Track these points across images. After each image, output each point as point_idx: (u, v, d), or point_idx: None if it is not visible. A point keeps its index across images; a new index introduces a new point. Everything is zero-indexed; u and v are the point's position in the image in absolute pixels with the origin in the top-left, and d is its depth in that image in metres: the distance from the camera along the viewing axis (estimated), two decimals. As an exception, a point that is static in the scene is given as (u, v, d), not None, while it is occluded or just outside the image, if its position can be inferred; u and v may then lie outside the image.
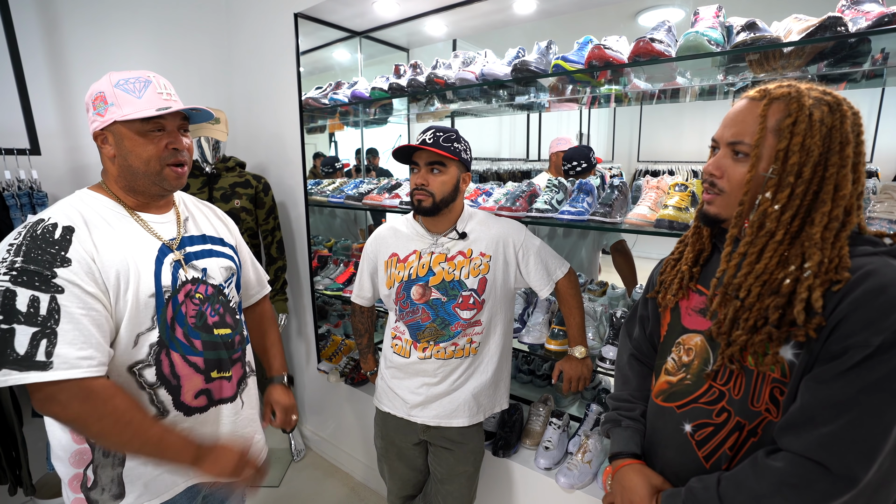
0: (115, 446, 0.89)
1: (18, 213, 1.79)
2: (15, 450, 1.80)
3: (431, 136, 1.31)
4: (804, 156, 0.68)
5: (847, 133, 0.68)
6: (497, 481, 1.72)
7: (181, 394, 1.00)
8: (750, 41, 1.12)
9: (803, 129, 0.68)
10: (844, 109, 0.68)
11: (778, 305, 0.68)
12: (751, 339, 0.71)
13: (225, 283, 1.12)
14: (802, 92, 0.70)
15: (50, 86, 2.00)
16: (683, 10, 1.65)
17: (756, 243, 0.72)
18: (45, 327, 0.82)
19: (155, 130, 0.96)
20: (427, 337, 1.40)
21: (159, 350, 0.97)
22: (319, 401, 2.57)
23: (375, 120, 2.72)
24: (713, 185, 0.79)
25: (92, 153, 2.13)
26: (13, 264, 0.83)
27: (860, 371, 0.61)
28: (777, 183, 0.70)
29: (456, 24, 2.18)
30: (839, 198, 0.68)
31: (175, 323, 0.99)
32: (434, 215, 1.37)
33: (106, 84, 0.95)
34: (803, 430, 0.65)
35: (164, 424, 0.95)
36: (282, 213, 2.47)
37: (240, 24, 2.50)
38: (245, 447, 0.99)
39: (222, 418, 1.09)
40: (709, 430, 0.78)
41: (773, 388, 0.71)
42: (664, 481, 0.84)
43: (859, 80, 1.35)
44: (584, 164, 1.97)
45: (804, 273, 0.67)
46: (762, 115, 0.71)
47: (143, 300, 0.94)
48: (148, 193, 1.02)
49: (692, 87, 1.61)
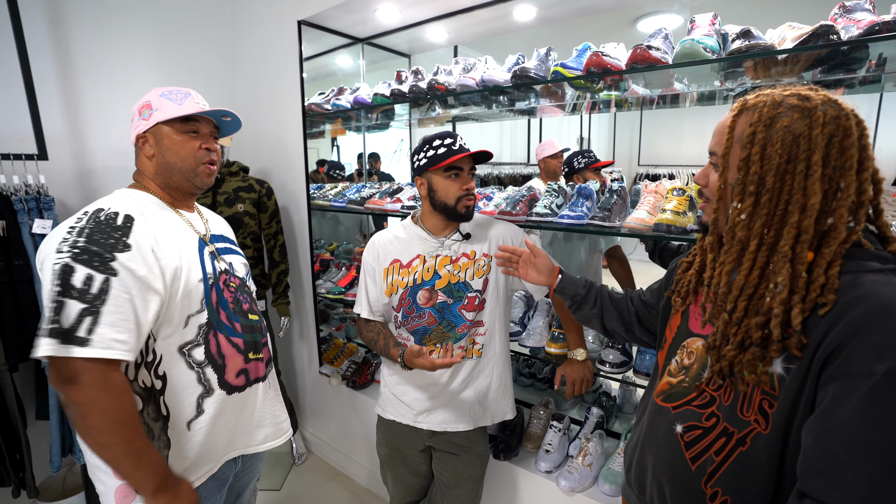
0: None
1: (25, 218, 1.81)
2: (19, 452, 1.81)
3: (463, 141, 1.35)
4: (765, 164, 0.67)
5: (815, 140, 0.64)
6: (498, 484, 1.73)
7: (226, 372, 1.09)
8: (745, 48, 1.14)
9: (762, 138, 0.68)
10: (817, 115, 0.65)
11: (759, 324, 0.67)
12: (739, 357, 0.71)
13: (245, 276, 1.23)
14: (775, 99, 0.69)
15: (57, 92, 2.03)
16: (681, 17, 1.68)
17: (730, 252, 0.73)
18: (93, 305, 0.87)
19: (192, 132, 1.09)
20: (433, 340, 1.41)
21: (207, 331, 1.06)
22: (321, 404, 2.58)
23: (377, 125, 2.75)
24: (701, 194, 0.84)
25: (98, 158, 2.16)
26: (76, 243, 0.89)
27: (873, 405, 0.58)
28: (741, 191, 0.71)
29: (457, 31, 2.20)
30: (808, 208, 0.65)
31: (219, 307, 1.09)
32: (471, 220, 1.40)
33: (153, 95, 1.09)
34: (832, 478, 0.60)
35: (151, 443, 0.97)
36: (284, 217, 2.50)
37: (244, 31, 2.54)
38: (197, 499, 1.01)
39: (257, 396, 1.18)
40: (697, 432, 0.78)
41: (762, 400, 0.70)
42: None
43: (856, 85, 1.36)
44: (566, 169, 2.06)
45: (777, 289, 0.66)
46: (730, 126, 0.73)
47: (194, 284, 1.03)
48: (181, 190, 1.12)
49: (690, 92, 1.63)
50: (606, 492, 1.47)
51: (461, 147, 1.32)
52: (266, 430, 1.21)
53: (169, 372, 1.02)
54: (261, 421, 1.20)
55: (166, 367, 1.01)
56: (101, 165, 2.17)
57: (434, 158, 1.32)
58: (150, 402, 1.00)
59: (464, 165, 1.33)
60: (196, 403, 1.05)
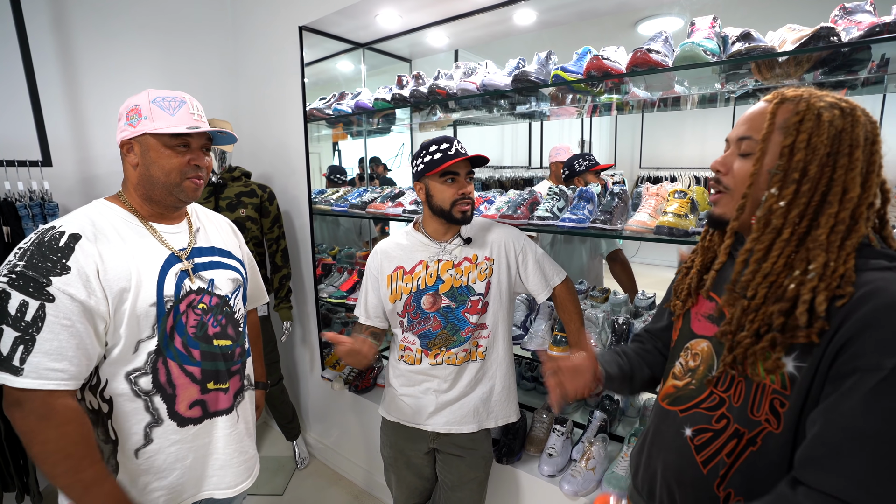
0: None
1: (30, 224, 1.83)
2: (23, 457, 1.82)
3: (460, 146, 1.35)
4: (810, 153, 0.68)
5: (858, 137, 0.67)
6: (501, 488, 1.72)
7: (176, 403, 1.02)
8: (745, 51, 1.14)
9: (810, 127, 0.68)
10: (858, 115, 0.68)
11: (782, 310, 0.68)
12: (753, 346, 0.71)
13: (231, 294, 1.14)
14: (814, 94, 0.71)
15: (62, 99, 2.05)
16: (682, 20, 1.68)
17: (762, 240, 0.72)
18: (27, 333, 0.84)
19: (181, 146, 1.02)
20: (438, 344, 1.41)
21: (156, 358, 0.99)
22: (323, 408, 2.58)
23: (378, 129, 2.76)
24: (718, 182, 0.80)
25: (102, 164, 2.17)
26: (15, 267, 0.87)
27: (879, 398, 0.58)
28: (782, 178, 0.70)
29: (457, 35, 2.21)
30: (847, 200, 0.67)
31: (174, 332, 1.01)
32: (469, 224, 1.40)
33: (143, 99, 1.01)
34: (830, 465, 0.60)
35: (104, 472, 0.92)
36: (286, 221, 2.50)
37: (246, 38, 2.56)
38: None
39: (216, 431, 1.09)
40: (708, 435, 0.78)
41: (773, 399, 0.70)
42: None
43: (858, 87, 1.36)
44: (567, 172, 2.05)
45: (808, 275, 0.67)
46: (772, 113, 0.73)
47: (144, 309, 0.97)
48: (163, 203, 1.06)
49: (691, 95, 1.63)
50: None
51: (457, 152, 1.32)
52: (235, 470, 1.12)
53: (115, 398, 0.97)
54: (228, 460, 1.10)
55: (112, 392, 0.97)
56: (105, 171, 2.19)
57: (430, 164, 1.33)
58: (99, 424, 0.97)
59: (460, 170, 1.34)
60: (144, 432, 0.99)
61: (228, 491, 1.11)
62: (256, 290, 1.39)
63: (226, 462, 1.10)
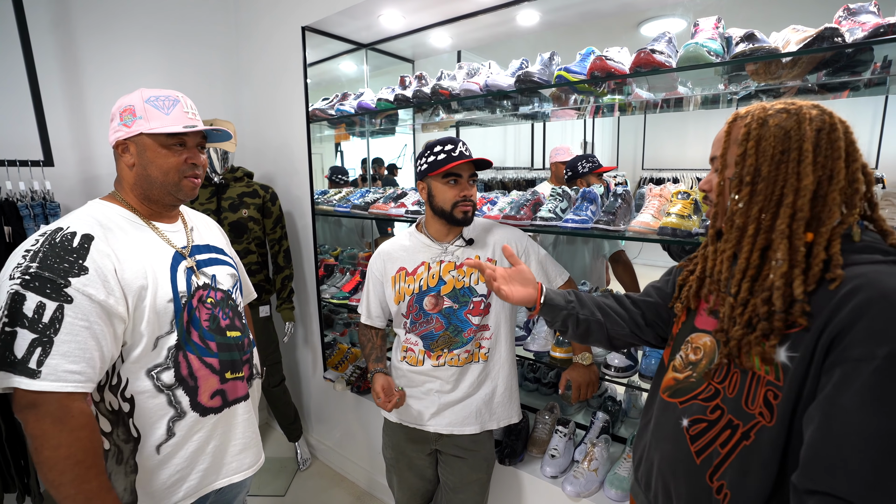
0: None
1: (31, 224, 1.83)
2: (24, 458, 1.82)
3: (465, 148, 1.34)
4: (760, 156, 0.74)
5: (804, 131, 0.71)
6: (503, 489, 1.72)
7: (198, 394, 1.04)
8: (749, 52, 1.14)
9: (757, 134, 0.74)
10: (804, 112, 0.72)
11: (764, 299, 0.72)
12: (747, 336, 0.74)
13: (232, 288, 1.17)
14: (764, 107, 0.77)
15: (64, 99, 2.05)
16: (685, 21, 1.68)
17: (730, 239, 0.79)
18: (44, 335, 0.83)
19: (177, 145, 1.03)
20: (441, 345, 1.41)
21: (177, 353, 1.01)
22: (325, 409, 2.58)
23: (381, 130, 2.76)
24: (706, 199, 0.88)
25: (104, 164, 2.17)
26: (27, 269, 0.85)
27: (874, 389, 0.59)
28: (738, 183, 0.76)
29: (460, 36, 2.21)
30: (802, 189, 0.71)
31: (191, 326, 1.03)
32: (470, 225, 1.40)
33: (137, 98, 1.01)
34: (837, 466, 0.61)
35: (107, 485, 0.90)
36: (289, 222, 2.50)
37: (249, 38, 2.56)
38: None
39: (237, 417, 1.13)
40: (703, 425, 0.80)
41: (767, 392, 0.72)
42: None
43: (861, 88, 1.36)
44: (570, 173, 2.06)
45: (777, 263, 0.71)
46: (727, 132, 0.81)
47: (162, 305, 0.98)
48: (161, 202, 1.07)
49: (694, 96, 1.63)
50: (613, 497, 1.46)
51: (461, 153, 1.32)
52: (253, 451, 1.17)
53: (136, 395, 0.97)
54: (247, 443, 1.15)
55: (133, 390, 0.97)
56: (107, 171, 2.19)
57: (434, 164, 1.33)
58: (119, 424, 0.97)
59: (462, 172, 1.34)
60: (167, 427, 1.00)
61: (248, 471, 1.16)
62: (246, 286, 1.41)
63: (244, 445, 1.14)
